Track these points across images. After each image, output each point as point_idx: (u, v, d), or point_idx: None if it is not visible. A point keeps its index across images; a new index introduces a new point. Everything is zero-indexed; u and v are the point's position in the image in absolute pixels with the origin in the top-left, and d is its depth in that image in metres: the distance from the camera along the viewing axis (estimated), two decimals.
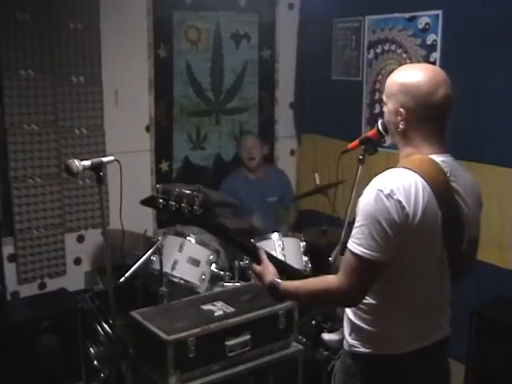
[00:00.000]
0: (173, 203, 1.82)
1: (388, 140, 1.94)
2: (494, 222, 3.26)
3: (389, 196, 1.54)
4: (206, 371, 2.54)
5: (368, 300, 1.69)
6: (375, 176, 1.63)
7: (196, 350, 2.49)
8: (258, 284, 1.95)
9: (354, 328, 1.75)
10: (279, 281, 1.80)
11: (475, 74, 3.39)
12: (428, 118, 1.65)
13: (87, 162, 2.44)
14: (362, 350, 1.73)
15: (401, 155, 1.72)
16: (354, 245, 1.58)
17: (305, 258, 3.55)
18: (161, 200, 1.83)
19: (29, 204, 3.68)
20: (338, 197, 3.11)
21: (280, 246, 3.49)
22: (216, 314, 2.66)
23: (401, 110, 1.66)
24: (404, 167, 1.62)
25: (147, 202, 1.90)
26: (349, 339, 1.77)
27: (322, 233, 3.88)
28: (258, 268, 1.91)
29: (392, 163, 1.68)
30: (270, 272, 1.86)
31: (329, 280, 1.65)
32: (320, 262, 3.31)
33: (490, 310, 3.24)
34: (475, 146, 3.38)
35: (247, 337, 2.64)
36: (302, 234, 3.67)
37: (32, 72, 3.58)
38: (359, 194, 1.65)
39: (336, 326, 2.05)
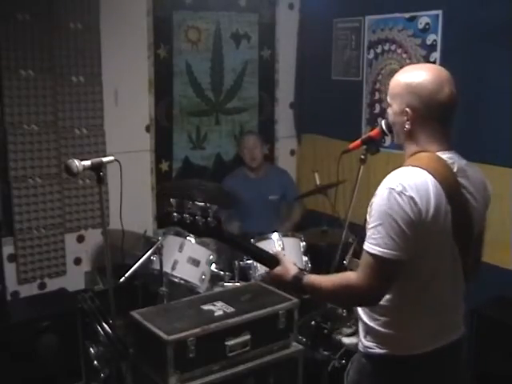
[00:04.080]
0: (187, 216, 1.86)
1: (388, 140, 1.94)
2: (494, 222, 3.24)
3: (401, 193, 1.55)
4: (205, 371, 2.54)
5: (382, 302, 1.68)
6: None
7: (196, 350, 2.48)
8: (262, 284, 1.95)
9: (370, 330, 1.75)
10: (305, 273, 1.82)
11: (475, 73, 3.39)
12: (434, 117, 1.66)
13: (87, 162, 2.44)
14: (378, 350, 1.73)
15: (406, 154, 1.73)
16: (371, 245, 1.58)
17: (305, 258, 3.55)
18: (175, 214, 1.87)
19: (29, 204, 3.68)
20: (338, 197, 3.10)
21: (280, 246, 3.49)
22: (216, 314, 2.65)
23: (407, 109, 1.67)
24: (412, 165, 1.63)
25: (163, 218, 1.94)
26: (364, 341, 1.78)
27: (322, 233, 3.88)
28: (278, 269, 1.90)
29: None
30: (292, 267, 1.87)
31: (350, 277, 1.65)
32: (320, 262, 3.31)
33: (490, 310, 3.24)
34: (475, 145, 3.36)
35: (247, 337, 2.64)
36: (301, 234, 3.67)
37: (32, 72, 3.58)
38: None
39: (336, 327, 2.05)
